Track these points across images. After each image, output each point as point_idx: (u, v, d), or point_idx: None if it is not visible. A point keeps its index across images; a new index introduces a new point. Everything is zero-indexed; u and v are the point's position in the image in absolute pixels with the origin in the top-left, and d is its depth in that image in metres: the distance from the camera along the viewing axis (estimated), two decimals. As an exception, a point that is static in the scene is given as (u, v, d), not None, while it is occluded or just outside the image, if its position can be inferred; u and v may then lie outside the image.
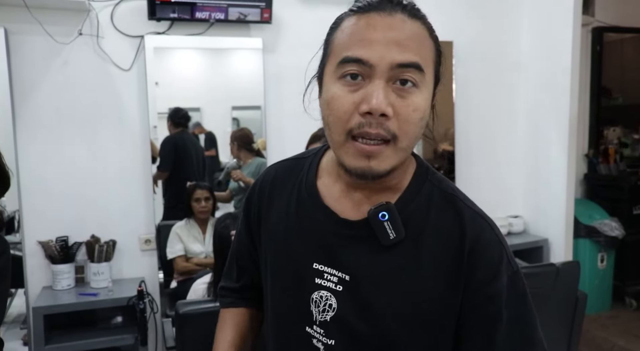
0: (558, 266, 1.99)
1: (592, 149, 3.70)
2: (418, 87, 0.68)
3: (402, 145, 0.68)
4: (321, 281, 0.76)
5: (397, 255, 0.73)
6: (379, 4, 0.69)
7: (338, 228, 0.76)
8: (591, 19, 3.43)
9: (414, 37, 0.68)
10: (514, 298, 0.72)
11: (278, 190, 0.85)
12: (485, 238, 0.73)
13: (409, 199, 0.75)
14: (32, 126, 2.30)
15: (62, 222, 2.35)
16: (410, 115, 0.67)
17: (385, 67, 0.66)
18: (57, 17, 2.25)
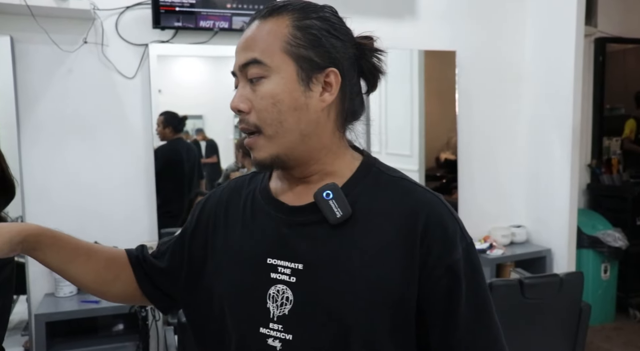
0: (562, 276, 1.98)
1: (594, 159, 3.70)
2: (266, 77, 0.74)
3: (269, 133, 0.74)
4: (276, 276, 0.76)
5: (349, 237, 0.74)
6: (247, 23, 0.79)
7: (288, 217, 0.78)
8: (594, 30, 3.45)
9: (255, 36, 0.75)
10: (470, 268, 0.75)
11: (235, 198, 0.87)
12: (438, 213, 0.75)
13: (354, 183, 0.78)
14: (36, 133, 2.31)
15: (65, 229, 2.31)
16: (260, 103, 0.74)
17: (237, 70, 0.77)
18: (63, 26, 2.27)
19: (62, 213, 2.35)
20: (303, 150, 0.76)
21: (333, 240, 0.74)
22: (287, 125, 0.74)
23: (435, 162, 3.17)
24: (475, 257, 0.77)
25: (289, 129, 0.74)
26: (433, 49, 2.97)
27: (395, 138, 3.01)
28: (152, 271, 0.91)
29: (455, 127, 3.07)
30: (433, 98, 3.05)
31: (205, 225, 0.88)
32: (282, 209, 0.79)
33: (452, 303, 0.73)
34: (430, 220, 0.74)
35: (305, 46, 0.75)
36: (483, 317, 0.75)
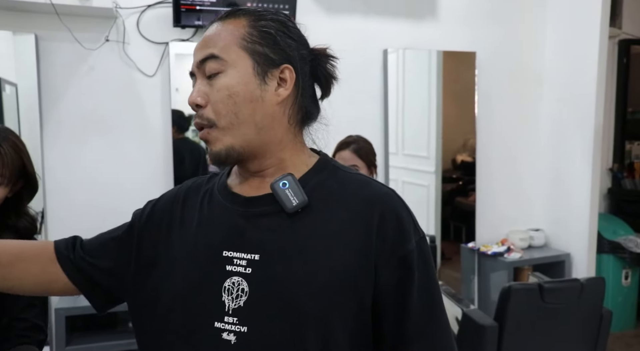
0: (582, 282, 1.95)
1: (616, 163, 3.63)
2: (222, 71, 0.77)
3: (222, 124, 0.76)
4: (231, 268, 0.75)
5: (305, 225, 0.75)
6: (207, 27, 0.82)
7: (245, 209, 0.79)
8: (618, 31, 3.39)
9: (215, 35, 0.78)
10: (422, 261, 0.76)
11: (192, 197, 0.86)
12: (393, 204, 0.77)
13: (310, 177, 0.80)
14: (58, 129, 2.34)
15: (85, 224, 2.36)
16: (215, 95, 0.76)
17: (195, 68, 0.79)
18: (86, 24, 2.30)
19: (82, 208, 2.38)
20: (258, 143, 0.78)
21: (289, 229, 0.75)
22: (242, 116, 0.77)
23: (452, 163, 3.14)
24: (427, 249, 0.79)
25: (244, 121, 0.77)
26: (453, 49, 2.95)
27: (412, 139, 2.99)
28: (92, 270, 0.87)
29: (473, 129, 3.04)
30: (450, 99, 3.02)
31: (157, 224, 0.86)
32: (238, 201, 0.80)
33: (404, 293, 0.75)
34: (386, 211, 0.76)
35: (261, 43, 0.79)
36: (434, 308, 0.77)
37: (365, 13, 2.76)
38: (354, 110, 2.75)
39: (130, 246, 0.86)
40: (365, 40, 2.77)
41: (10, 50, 2.30)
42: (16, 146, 1.26)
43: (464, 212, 3.13)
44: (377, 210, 0.76)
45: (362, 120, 2.78)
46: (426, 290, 0.76)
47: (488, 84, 3.02)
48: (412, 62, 2.94)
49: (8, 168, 1.22)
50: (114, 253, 0.87)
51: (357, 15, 2.74)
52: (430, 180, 3.06)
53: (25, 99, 2.30)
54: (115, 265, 0.86)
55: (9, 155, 1.23)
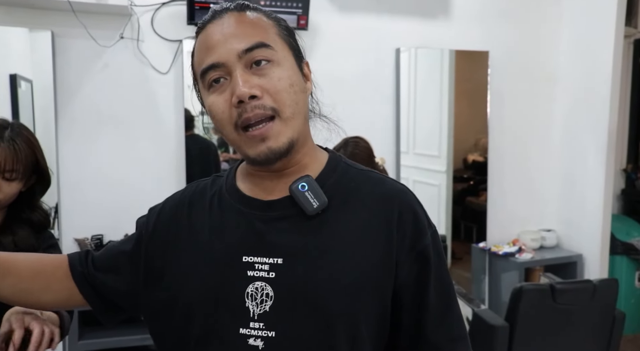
0: (595, 283, 1.94)
1: (630, 164, 3.59)
2: (273, 61, 0.73)
3: (286, 114, 0.73)
4: (253, 273, 0.74)
5: (326, 227, 0.75)
6: (211, 16, 0.77)
7: (263, 213, 0.77)
8: (633, 31, 3.35)
9: (248, 23, 0.75)
10: (436, 253, 0.78)
11: (198, 201, 0.84)
12: (409, 201, 0.78)
13: (327, 176, 0.79)
14: (72, 126, 2.37)
15: (98, 221, 2.41)
16: (277, 84, 0.72)
17: (234, 58, 0.72)
18: (101, 21, 2.32)
19: (94, 204, 2.40)
20: (302, 137, 0.77)
21: (311, 230, 0.75)
22: (301, 106, 0.76)
23: (463, 163, 3.13)
24: (439, 241, 0.80)
25: (301, 111, 0.76)
26: (466, 49, 2.93)
27: (423, 139, 2.99)
28: (102, 287, 0.87)
29: (485, 128, 3.03)
30: (463, 98, 3.01)
31: (164, 233, 0.83)
32: (255, 205, 0.78)
33: (423, 286, 0.76)
34: (403, 207, 0.77)
35: (291, 35, 0.79)
36: (449, 298, 0.79)
37: (378, 12, 2.75)
38: (365, 108, 2.75)
39: (139, 259, 0.84)
40: (377, 39, 2.76)
41: (26, 46, 2.33)
42: (30, 141, 1.28)
43: (475, 212, 3.12)
44: (395, 207, 0.76)
45: (373, 118, 2.78)
46: (441, 281, 0.78)
47: (501, 83, 3.00)
48: (425, 61, 2.93)
49: (22, 164, 1.24)
50: (125, 268, 0.86)
51: (369, 14, 2.74)
52: (441, 179, 3.05)
53: (41, 96, 2.32)
54: (127, 280, 0.86)
55: (22, 150, 1.24)
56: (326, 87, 0.89)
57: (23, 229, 1.28)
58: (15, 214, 1.30)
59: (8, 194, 1.25)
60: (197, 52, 0.77)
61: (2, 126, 1.25)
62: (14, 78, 2.30)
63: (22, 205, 1.31)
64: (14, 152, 1.22)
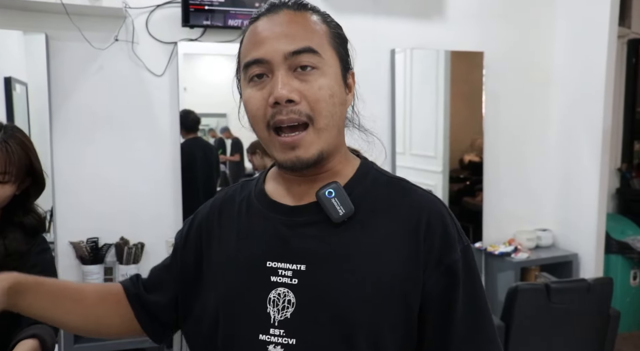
0: (590, 282, 1.95)
1: (625, 163, 3.61)
2: (318, 68, 0.72)
3: (320, 125, 0.72)
4: (276, 279, 0.73)
5: (351, 235, 0.73)
6: (267, 9, 0.75)
7: (288, 218, 0.76)
8: (627, 31, 3.37)
9: (301, 25, 0.73)
10: (467, 269, 0.75)
11: (228, 206, 0.84)
12: (439, 213, 0.76)
13: (355, 184, 0.78)
14: (67, 128, 2.36)
15: (93, 224, 2.40)
16: (317, 93, 0.71)
17: (280, 58, 0.71)
18: (95, 24, 2.32)
19: (90, 207, 2.39)
20: (333, 148, 0.76)
21: (336, 238, 0.74)
22: (336, 118, 0.74)
23: (459, 163, 3.14)
24: (472, 259, 0.77)
25: (335, 123, 0.75)
26: (461, 49, 2.94)
27: (419, 139, 2.99)
28: (153, 307, 0.88)
29: (480, 129, 3.04)
30: (458, 99, 3.02)
31: (196, 241, 0.85)
32: (281, 210, 0.78)
33: (449, 301, 0.73)
34: (432, 219, 0.74)
35: (342, 44, 0.77)
36: (479, 317, 0.75)
37: (373, 13, 2.76)
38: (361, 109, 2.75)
39: (176, 268, 0.86)
40: (373, 40, 2.77)
41: (21, 49, 2.32)
42: (23, 144, 1.27)
43: (471, 212, 3.12)
44: (423, 218, 0.74)
45: (369, 119, 2.78)
46: (471, 299, 0.75)
47: (496, 84, 3.01)
48: (420, 62, 2.94)
49: (15, 166, 1.24)
50: (167, 281, 0.87)
51: (365, 15, 2.75)
52: (437, 180, 3.06)
53: (35, 98, 2.32)
54: (169, 293, 0.87)
55: (15, 153, 1.24)
56: None
57: (14, 233, 1.27)
58: (8, 217, 1.30)
59: (1, 197, 1.25)
60: (245, 43, 0.76)
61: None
62: (9, 81, 2.29)
63: (16, 208, 1.31)
64: (6, 154, 1.22)
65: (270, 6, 0.76)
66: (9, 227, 1.29)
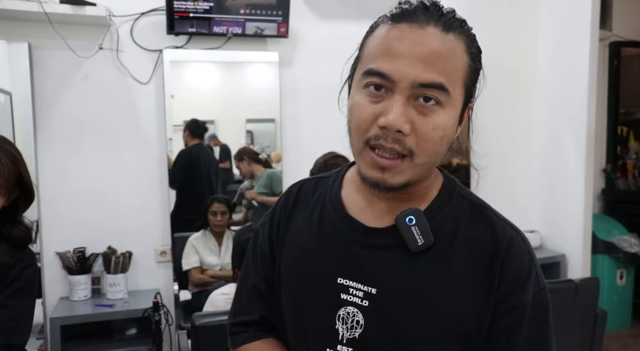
0: (577, 282, 1.96)
1: (609, 164, 3.66)
2: (442, 105, 0.67)
3: (419, 161, 0.68)
4: (347, 297, 0.72)
5: (427, 265, 0.71)
6: (413, 12, 0.68)
7: (364, 238, 0.73)
8: (608, 34, 3.42)
9: (442, 53, 0.66)
10: (537, 314, 0.71)
11: (301, 205, 0.82)
12: (517, 250, 0.72)
13: (437, 209, 0.74)
14: (52, 138, 2.34)
15: (80, 233, 2.38)
16: (429, 133, 0.67)
17: (407, 84, 0.65)
18: (79, 32, 2.30)
19: (76, 217, 2.37)
20: (425, 175, 0.73)
21: (410, 266, 0.71)
22: (438, 156, 0.71)
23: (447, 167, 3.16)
24: (545, 303, 0.73)
25: (435, 160, 0.71)
26: (445, 53, 2.96)
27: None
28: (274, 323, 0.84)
29: (467, 132, 3.05)
30: (445, 102, 3.04)
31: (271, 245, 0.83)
32: (358, 229, 0.74)
33: (509, 344, 0.70)
34: (509, 257, 0.71)
35: (474, 78, 0.73)
36: None
37: (358, 18, 2.77)
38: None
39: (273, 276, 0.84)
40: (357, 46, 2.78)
41: (3, 58, 2.30)
42: (12, 156, 1.26)
43: (459, 215, 3.14)
44: (500, 255, 0.71)
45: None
46: (536, 345, 0.72)
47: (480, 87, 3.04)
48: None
49: (4, 178, 1.23)
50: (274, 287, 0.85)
51: (350, 21, 2.76)
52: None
53: (20, 108, 2.30)
54: None
55: (5, 165, 1.23)
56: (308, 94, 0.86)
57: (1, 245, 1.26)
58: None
59: None
60: (377, 44, 0.69)
61: None
62: (-7, 91, 2.27)
63: (4, 220, 1.29)
64: None
65: (417, 10, 0.68)
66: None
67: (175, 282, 2.52)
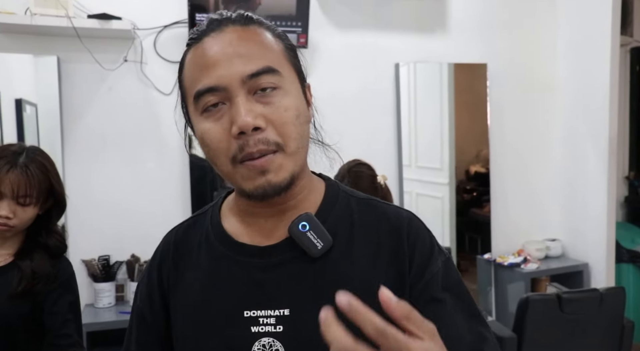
0: (602, 292, 1.94)
1: (633, 171, 3.60)
2: (280, 87, 0.65)
3: (291, 150, 0.65)
4: (258, 328, 0.66)
5: (332, 267, 0.67)
6: (207, 27, 0.67)
7: (260, 260, 0.69)
8: (629, 39, 3.39)
9: (254, 42, 0.66)
10: (451, 282, 0.70)
11: (184, 253, 0.75)
12: (415, 227, 0.72)
13: (327, 210, 0.71)
14: (78, 148, 2.40)
15: (104, 242, 2.42)
16: (283, 116, 0.64)
17: (237, 83, 0.63)
18: (105, 45, 2.37)
19: (101, 225, 2.42)
20: (300, 168, 0.69)
21: (316, 274, 0.67)
22: (305, 139, 0.68)
23: (465, 175, 3.15)
24: (455, 270, 0.73)
25: (305, 144, 0.69)
26: (464, 62, 2.97)
27: (425, 151, 3.01)
28: None
29: (486, 140, 3.05)
30: (463, 111, 3.04)
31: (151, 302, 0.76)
32: (251, 252, 0.70)
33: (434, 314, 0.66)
34: (410, 235, 0.70)
35: (295, 56, 0.71)
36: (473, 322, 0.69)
37: (376, 28, 2.80)
38: (367, 123, 2.78)
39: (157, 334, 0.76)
40: (376, 55, 2.80)
41: (30, 71, 2.38)
42: (44, 167, 1.31)
43: (479, 223, 3.12)
44: (403, 238, 0.69)
45: (375, 133, 2.81)
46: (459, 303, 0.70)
47: (500, 95, 3.03)
48: (424, 75, 2.97)
49: (35, 189, 1.27)
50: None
51: (368, 31, 2.79)
52: (444, 191, 3.07)
53: (45, 119, 2.36)
54: None
55: (36, 176, 1.27)
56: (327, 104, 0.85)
57: (40, 254, 1.31)
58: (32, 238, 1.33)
59: (23, 219, 1.28)
60: (191, 69, 0.67)
61: (17, 152, 1.28)
62: (19, 102, 2.34)
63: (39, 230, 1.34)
64: (27, 177, 1.25)
65: (211, 23, 0.67)
66: (34, 248, 1.32)
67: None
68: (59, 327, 1.28)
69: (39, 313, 1.29)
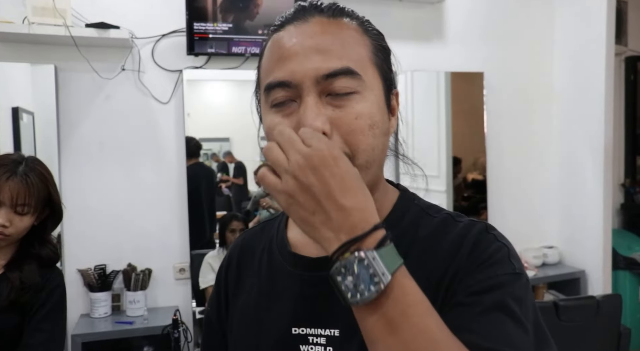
0: (598, 299, 1.94)
1: (628, 179, 3.62)
2: (358, 92, 0.58)
3: (359, 162, 0.58)
4: (307, 348, 0.62)
5: None
6: (293, 15, 0.62)
7: (312, 273, 0.64)
8: (624, 49, 3.42)
9: (338, 38, 0.59)
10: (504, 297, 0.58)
11: (248, 258, 0.73)
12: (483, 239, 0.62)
13: (392, 224, 0.63)
14: (75, 157, 2.39)
15: (100, 251, 2.41)
16: (353, 123, 0.57)
17: (311, 81, 0.57)
18: (103, 54, 2.37)
19: (97, 234, 2.41)
20: (372, 185, 0.62)
21: None
22: (378, 153, 0.61)
23: (462, 182, 3.16)
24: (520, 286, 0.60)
25: (378, 159, 0.61)
26: (461, 70, 2.99)
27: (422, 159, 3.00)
28: None
29: (483, 148, 3.06)
30: (460, 119, 3.05)
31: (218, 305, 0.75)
32: (303, 264, 0.65)
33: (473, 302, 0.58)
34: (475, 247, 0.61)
35: (385, 59, 0.63)
36: None
37: (373, 37, 2.81)
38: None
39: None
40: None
41: (27, 80, 2.38)
42: (43, 176, 1.31)
43: (477, 231, 3.12)
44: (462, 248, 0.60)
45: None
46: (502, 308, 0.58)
47: (497, 103, 3.05)
48: (421, 83, 2.98)
49: (34, 198, 1.27)
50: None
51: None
52: (441, 199, 3.07)
53: (42, 127, 2.36)
54: None
55: (35, 185, 1.27)
56: None
57: (30, 265, 1.30)
58: (25, 248, 1.32)
59: (20, 228, 1.27)
60: (267, 57, 0.62)
61: (17, 161, 1.28)
62: (16, 111, 2.34)
63: (33, 240, 1.33)
64: (26, 186, 1.25)
65: (297, 11, 0.61)
66: (25, 258, 1.31)
67: (193, 300, 2.54)
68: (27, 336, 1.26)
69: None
